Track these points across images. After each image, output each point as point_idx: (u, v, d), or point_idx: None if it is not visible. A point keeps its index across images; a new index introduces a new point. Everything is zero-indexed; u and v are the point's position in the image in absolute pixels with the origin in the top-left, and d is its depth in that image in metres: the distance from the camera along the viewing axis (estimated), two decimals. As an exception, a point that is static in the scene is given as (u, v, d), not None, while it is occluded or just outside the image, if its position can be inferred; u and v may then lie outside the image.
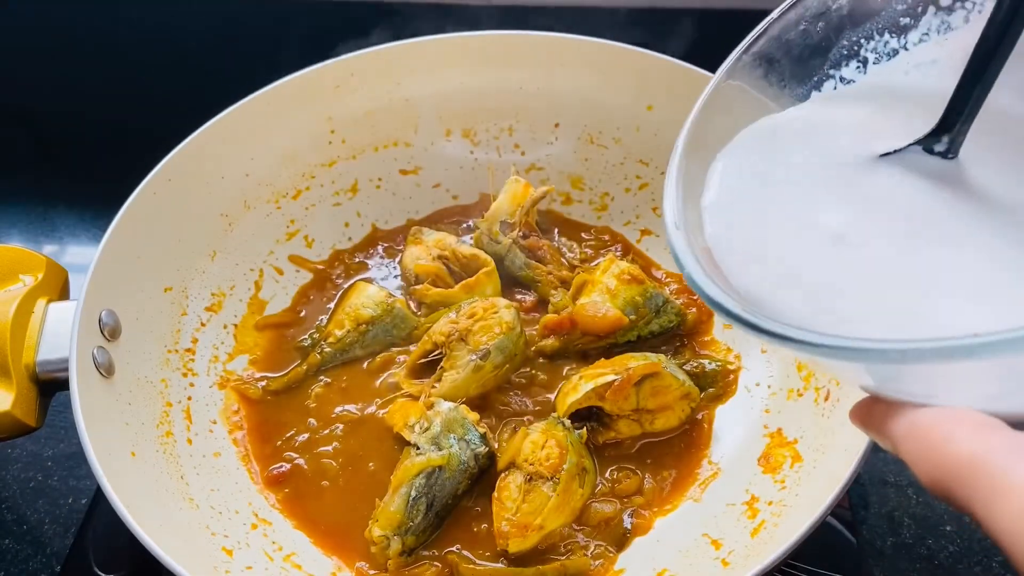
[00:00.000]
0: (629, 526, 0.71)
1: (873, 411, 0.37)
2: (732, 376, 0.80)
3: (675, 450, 0.75)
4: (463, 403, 0.76)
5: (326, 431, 0.78)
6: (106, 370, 0.70)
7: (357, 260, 0.93)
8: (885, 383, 0.37)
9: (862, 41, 0.50)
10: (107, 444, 0.65)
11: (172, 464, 0.71)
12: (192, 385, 0.79)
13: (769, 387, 0.78)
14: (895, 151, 0.45)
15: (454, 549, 0.70)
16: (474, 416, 0.73)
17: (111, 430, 0.68)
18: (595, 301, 0.80)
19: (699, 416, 0.77)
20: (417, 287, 0.86)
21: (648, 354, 0.76)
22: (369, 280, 0.90)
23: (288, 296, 0.89)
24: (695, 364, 0.80)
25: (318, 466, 0.76)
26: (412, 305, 0.87)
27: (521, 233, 0.88)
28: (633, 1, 1.11)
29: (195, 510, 0.69)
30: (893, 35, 0.50)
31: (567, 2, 1.12)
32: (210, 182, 0.85)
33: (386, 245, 0.94)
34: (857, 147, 0.46)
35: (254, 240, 0.89)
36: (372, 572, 0.69)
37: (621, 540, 0.70)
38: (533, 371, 0.80)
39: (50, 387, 0.71)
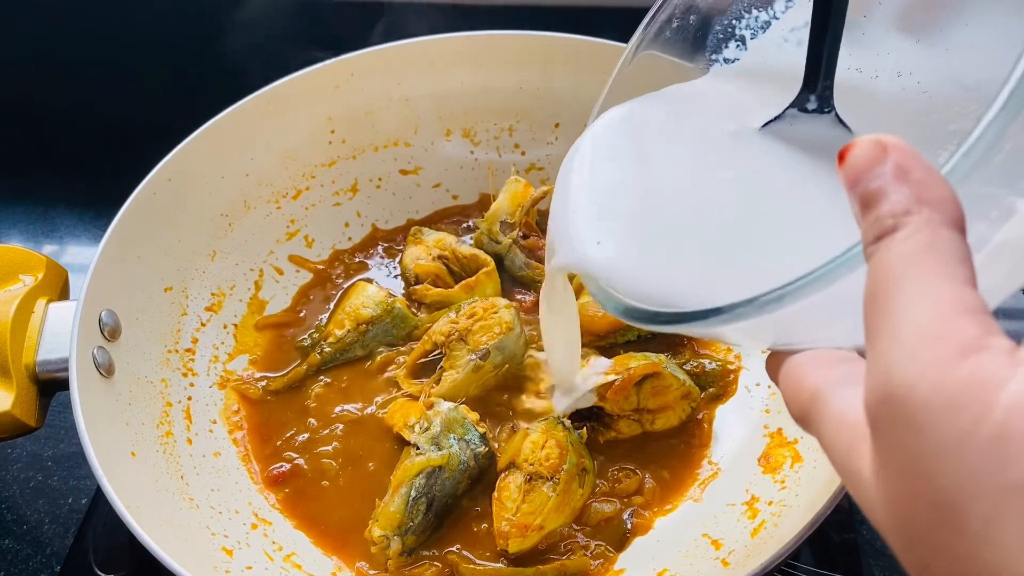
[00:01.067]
0: (629, 526, 0.71)
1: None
2: (732, 376, 0.80)
3: (675, 450, 0.75)
4: (463, 403, 0.76)
5: (326, 431, 0.78)
6: (106, 370, 0.70)
7: (357, 260, 0.93)
8: (761, 338, 0.40)
9: (734, 22, 0.52)
10: (107, 444, 0.65)
11: (172, 464, 0.71)
12: (192, 385, 0.79)
13: (769, 387, 0.78)
14: (773, 119, 0.46)
15: (454, 549, 0.70)
16: (474, 416, 0.73)
17: (111, 430, 0.68)
18: (595, 301, 0.80)
19: (699, 416, 0.77)
20: (417, 287, 0.86)
21: (648, 354, 0.76)
22: (369, 280, 0.90)
23: (288, 296, 0.89)
24: (695, 364, 0.80)
25: (318, 466, 0.76)
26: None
27: (521, 233, 0.88)
28: (635, 1, 1.11)
29: (195, 510, 0.69)
30: (760, 8, 0.51)
31: (568, 3, 1.12)
32: (210, 182, 0.85)
33: (386, 245, 0.94)
34: (734, 120, 0.47)
35: (254, 240, 0.89)
36: (372, 572, 0.69)
37: (621, 540, 0.70)
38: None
39: (50, 387, 0.71)
